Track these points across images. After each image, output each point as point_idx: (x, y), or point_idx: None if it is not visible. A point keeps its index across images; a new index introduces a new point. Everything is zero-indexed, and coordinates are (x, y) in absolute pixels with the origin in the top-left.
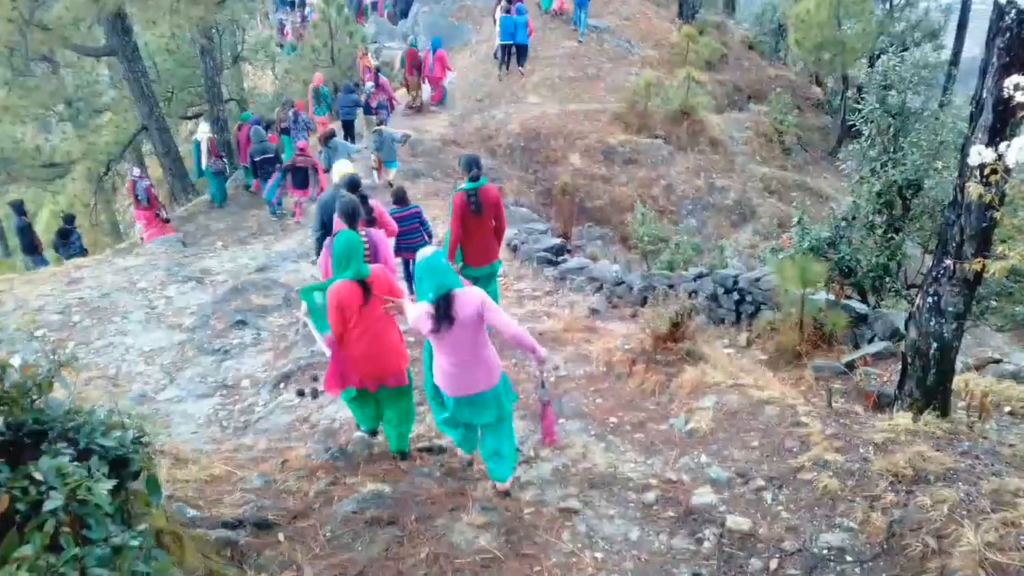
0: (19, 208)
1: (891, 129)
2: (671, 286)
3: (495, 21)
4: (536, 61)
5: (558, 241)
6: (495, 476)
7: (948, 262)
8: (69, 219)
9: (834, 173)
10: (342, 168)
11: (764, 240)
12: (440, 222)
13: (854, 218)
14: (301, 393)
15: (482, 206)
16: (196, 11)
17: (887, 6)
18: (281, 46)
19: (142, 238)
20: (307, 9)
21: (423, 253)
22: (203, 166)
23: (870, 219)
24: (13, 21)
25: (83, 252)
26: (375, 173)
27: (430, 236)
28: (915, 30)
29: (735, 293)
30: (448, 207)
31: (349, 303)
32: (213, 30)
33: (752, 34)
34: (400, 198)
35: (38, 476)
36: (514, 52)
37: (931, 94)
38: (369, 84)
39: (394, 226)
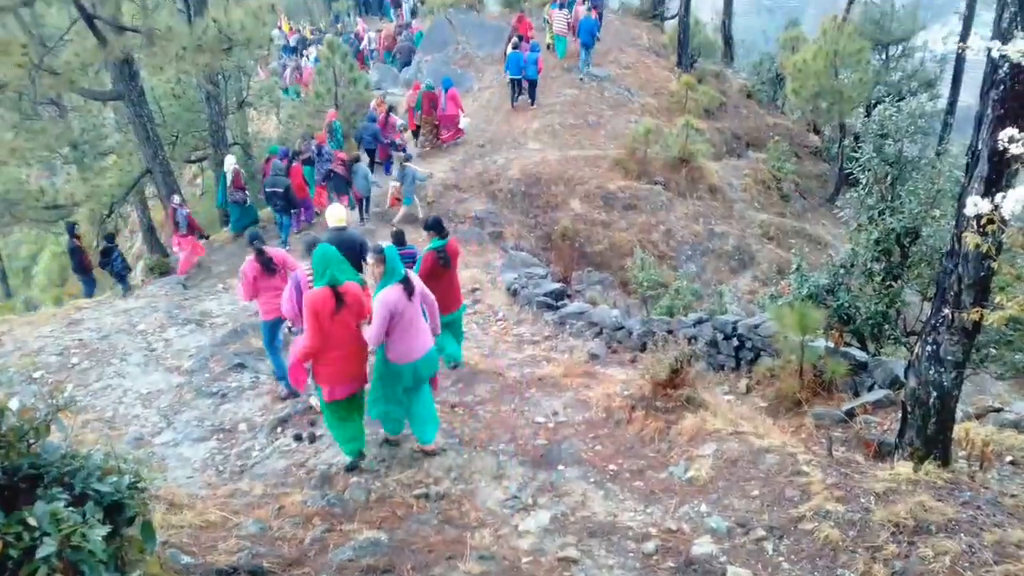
0: (71, 229)
1: (888, 177)
2: (670, 331)
3: (504, 56)
4: (537, 108)
5: (558, 286)
6: (423, 440)
7: (946, 311)
8: (110, 238)
9: (832, 220)
10: (335, 213)
11: (763, 286)
12: None
13: (852, 265)
14: (299, 438)
15: (450, 259)
16: (203, 58)
17: (883, 56)
18: (285, 91)
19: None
20: (304, 59)
21: (384, 246)
22: (226, 196)
23: (868, 266)
24: (23, 66)
25: (126, 268)
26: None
27: None
28: (911, 80)
29: (734, 339)
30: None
31: (322, 308)
32: (219, 76)
33: (750, 83)
34: (399, 239)
35: (32, 522)
36: (524, 87)
37: (928, 142)
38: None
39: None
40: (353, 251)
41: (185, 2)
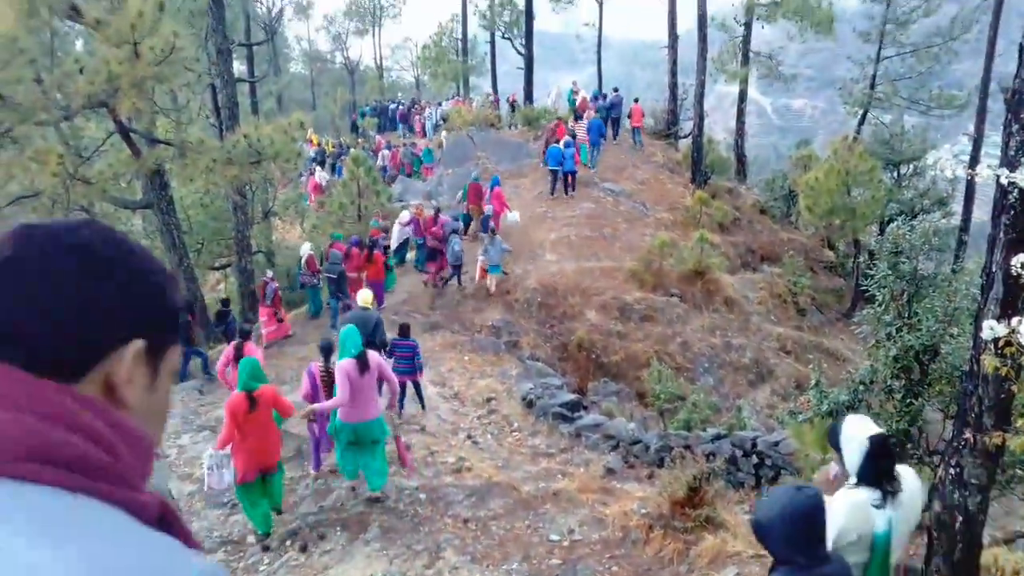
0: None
1: (904, 295)
2: (688, 447)
3: (543, 152)
4: (554, 221)
5: (574, 397)
6: (371, 487)
7: (968, 434)
8: (225, 302)
9: (849, 334)
10: (364, 295)
11: (782, 400)
12: (456, 375)
13: (872, 382)
14: (304, 549)
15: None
16: (232, 170)
17: (895, 175)
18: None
19: (262, 334)
20: (316, 171)
21: (347, 324)
22: (300, 280)
23: (888, 383)
24: (58, 175)
25: (244, 334)
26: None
27: (420, 370)
28: (923, 198)
29: (754, 456)
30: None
31: (237, 409)
32: (247, 187)
33: (763, 199)
34: (403, 332)
35: None
36: (561, 177)
37: (943, 259)
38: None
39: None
40: (367, 328)
41: (218, 117)
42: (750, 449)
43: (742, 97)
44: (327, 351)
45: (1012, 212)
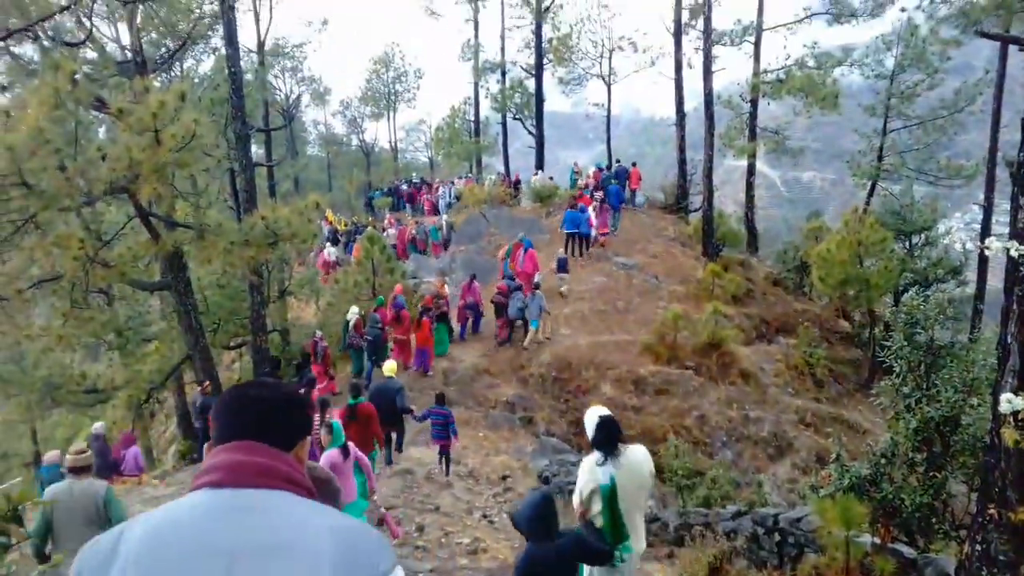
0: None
1: (922, 365)
2: (708, 524)
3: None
4: (567, 295)
5: None
6: None
7: (993, 510)
8: (305, 357)
9: (868, 405)
10: (389, 365)
11: (803, 474)
12: (470, 451)
13: (894, 455)
14: None
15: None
16: (249, 251)
17: (907, 245)
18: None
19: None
20: (328, 250)
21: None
22: (347, 341)
23: (910, 456)
24: (79, 259)
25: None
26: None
27: (455, 434)
28: (937, 267)
29: (776, 534)
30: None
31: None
32: (263, 267)
33: (776, 271)
34: (439, 400)
35: None
36: (578, 241)
37: (959, 327)
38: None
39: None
40: (389, 397)
41: (236, 199)
42: (772, 527)
43: (751, 171)
44: (324, 406)
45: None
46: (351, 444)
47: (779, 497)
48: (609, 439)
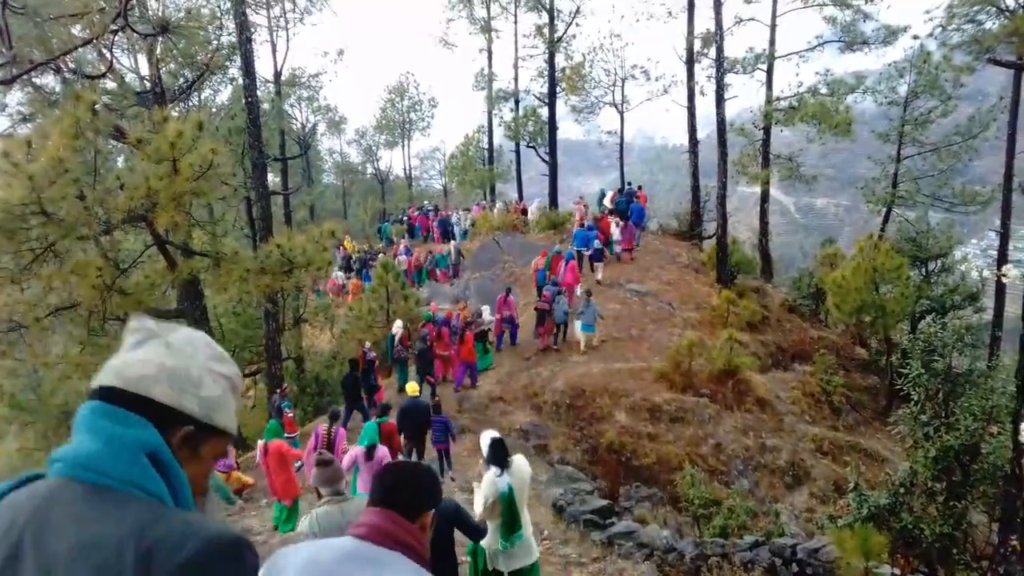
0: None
1: (940, 393)
2: (726, 555)
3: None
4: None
5: (605, 502)
6: None
7: (1015, 540)
8: (354, 364)
9: (887, 433)
10: (412, 386)
11: (821, 504)
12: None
13: (913, 484)
14: None
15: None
16: (265, 279)
17: (923, 272)
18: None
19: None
20: (337, 274)
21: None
22: (393, 353)
23: (929, 486)
24: (96, 287)
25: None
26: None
27: (454, 438)
28: (954, 293)
29: (794, 564)
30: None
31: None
32: (278, 295)
33: (791, 297)
34: (435, 409)
35: None
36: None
37: (977, 354)
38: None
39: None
40: (419, 415)
41: (252, 228)
42: (790, 557)
43: (764, 197)
44: (334, 417)
45: None
46: (382, 448)
47: (797, 527)
48: (502, 456)
